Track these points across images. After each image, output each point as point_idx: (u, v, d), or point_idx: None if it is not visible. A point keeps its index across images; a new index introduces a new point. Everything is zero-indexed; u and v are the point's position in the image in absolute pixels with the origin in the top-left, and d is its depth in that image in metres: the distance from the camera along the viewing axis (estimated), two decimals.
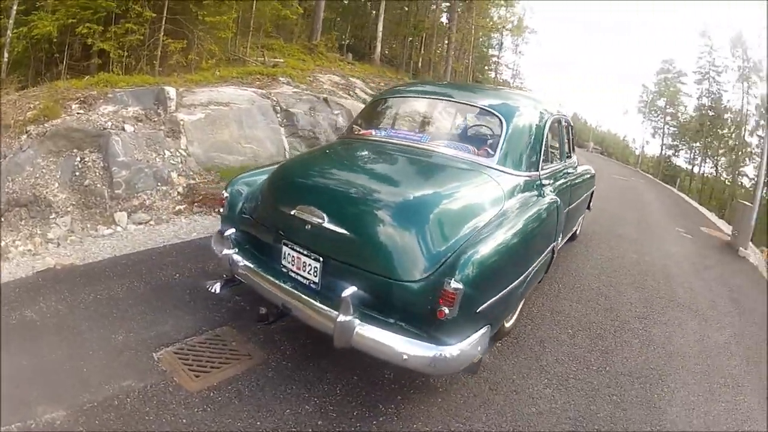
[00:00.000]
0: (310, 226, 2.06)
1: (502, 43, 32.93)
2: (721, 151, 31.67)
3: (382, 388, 2.36)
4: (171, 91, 4.89)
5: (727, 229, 9.41)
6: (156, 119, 4.80)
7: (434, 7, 21.74)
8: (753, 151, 27.90)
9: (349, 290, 1.91)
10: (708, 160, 32.87)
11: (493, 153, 2.65)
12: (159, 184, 4.32)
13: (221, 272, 2.55)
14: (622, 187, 13.74)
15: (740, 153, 28.96)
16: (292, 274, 2.17)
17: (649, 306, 4.21)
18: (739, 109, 29.35)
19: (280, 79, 7.19)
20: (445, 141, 2.83)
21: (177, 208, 4.34)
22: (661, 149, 36.49)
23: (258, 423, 2.00)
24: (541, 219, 2.55)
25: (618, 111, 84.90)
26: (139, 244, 3.57)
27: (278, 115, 6.09)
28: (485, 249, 1.95)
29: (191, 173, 4.84)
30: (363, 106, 7.57)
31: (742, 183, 29.06)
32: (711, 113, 31.40)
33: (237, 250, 2.39)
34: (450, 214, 2.11)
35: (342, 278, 1.99)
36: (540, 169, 2.90)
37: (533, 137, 2.83)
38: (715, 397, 2.96)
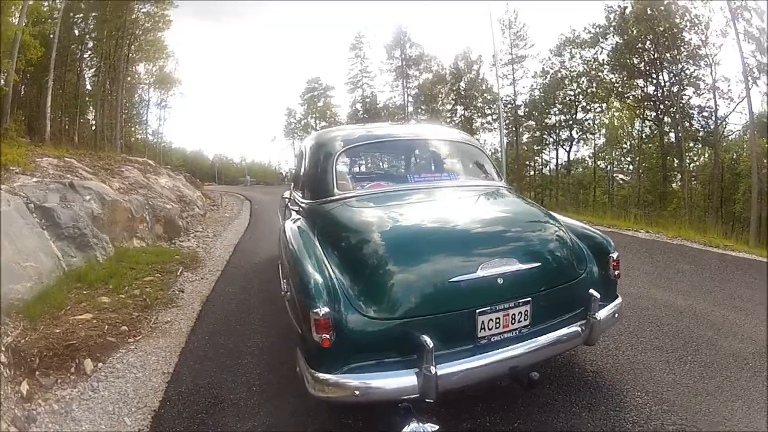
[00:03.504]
0: (502, 280, 2.10)
1: (148, 100, 32.51)
2: None
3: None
4: None
5: None
6: None
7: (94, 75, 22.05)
8: None
9: (596, 292, 2.35)
10: None
11: (497, 177, 3.38)
12: None
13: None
14: None
15: None
16: (498, 337, 2.12)
17: None
18: (401, 103, 39.12)
19: (11, 168, 5.96)
20: (463, 175, 3.38)
21: (21, 390, 2.59)
22: None
23: None
24: None
25: (266, 139, 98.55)
26: None
27: (34, 215, 4.91)
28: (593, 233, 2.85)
29: None
30: (105, 185, 6.88)
31: None
32: (365, 115, 40.14)
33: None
34: (553, 217, 2.75)
35: (548, 302, 2.26)
36: None
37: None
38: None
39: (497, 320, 2.10)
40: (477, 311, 2.05)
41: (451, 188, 3.06)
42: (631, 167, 30.38)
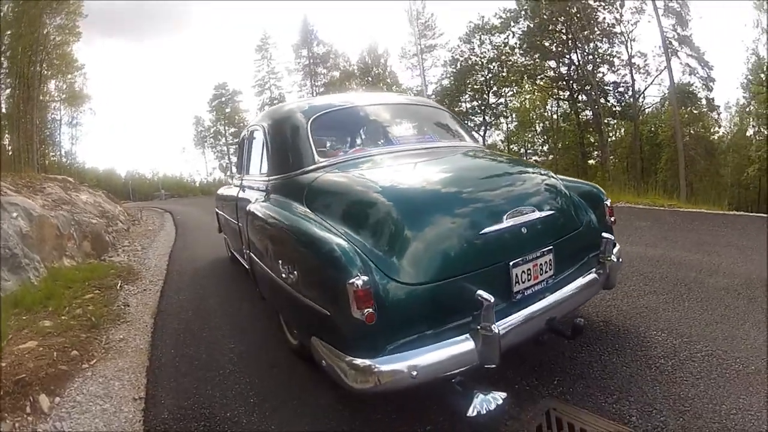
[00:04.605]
0: (526, 229, 2.10)
1: (60, 120, 31.97)
2: None
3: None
4: None
5: None
6: None
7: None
8: None
9: (609, 236, 2.44)
10: None
11: (474, 139, 3.43)
12: None
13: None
14: None
15: None
16: (530, 291, 2.10)
17: None
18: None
19: None
20: (445, 138, 3.37)
21: None
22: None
23: None
24: None
25: (176, 151, 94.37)
26: None
27: None
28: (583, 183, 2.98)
29: None
30: (30, 201, 6.39)
31: None
32: None
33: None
34: (547, 169, 2.80)
35: (565, 251, 2.29)
36: None
37: None
38: None
39: (528, 272, 2.08)
40: (510, 263, 2.01)
41: (439, 149, 3.03)
42: (545, 148, 31.86)
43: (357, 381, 1.71)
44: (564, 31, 26.22)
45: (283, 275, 2.21)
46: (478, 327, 1.76)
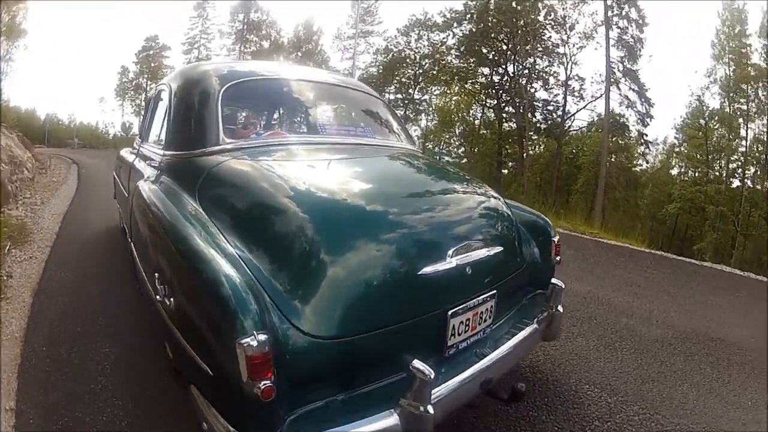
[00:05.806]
0: (470, 269, 1.73)
1: None
2: None
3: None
4: None
5: None
6: None
7: None
8: None
9: (560, 282, 2.12)
10: None
11: (409, 140, 3.03)
12: None
13: None
14: None
15: None
16: (464, 343, 1.76)
17: None
18: None
19: None
20: (379, 134, 2.94)
21: None
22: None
23: None
24: None
25: (94, 99, 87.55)
26: None
27: None
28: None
29: None
30: None
31: None
32: None
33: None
34: (492, 190, 2.47)
35: (507, 295, 2.03)
36: None
37: None
38: None
39: (467, 322, 1.74)
40: (449, 312, 1.66)
41: (372, 147, 2.65)
42: (461, 150, 32.71)
43: None
44: (506, 41, 27.05)
45: (158, 297, 1.66)
46: (407, 403, 1.36)
